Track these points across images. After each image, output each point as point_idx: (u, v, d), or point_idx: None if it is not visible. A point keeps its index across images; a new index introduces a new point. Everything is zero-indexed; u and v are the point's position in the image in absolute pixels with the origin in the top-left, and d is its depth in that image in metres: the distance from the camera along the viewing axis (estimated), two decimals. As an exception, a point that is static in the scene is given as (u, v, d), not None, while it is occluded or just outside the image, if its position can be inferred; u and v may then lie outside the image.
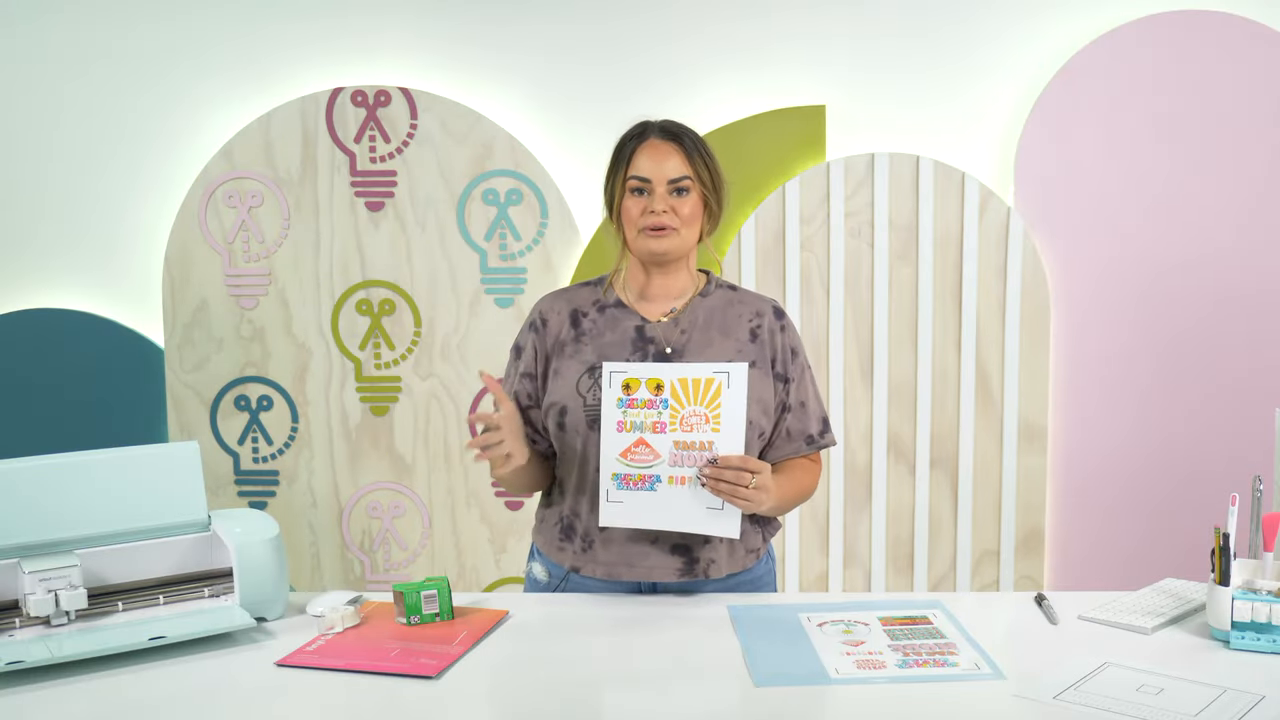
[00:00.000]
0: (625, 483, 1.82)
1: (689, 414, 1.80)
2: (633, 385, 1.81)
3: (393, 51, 3.25)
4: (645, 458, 1.81)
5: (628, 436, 1.81)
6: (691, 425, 1.80)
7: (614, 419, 1.82)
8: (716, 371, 1.80)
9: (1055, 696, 1.52)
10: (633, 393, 1.81)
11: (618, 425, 1.81)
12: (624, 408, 1.81)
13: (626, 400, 1.81)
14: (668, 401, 1.80)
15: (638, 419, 1.81)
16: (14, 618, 1.75)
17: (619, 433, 1.81)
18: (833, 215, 3.16)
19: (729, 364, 1.81)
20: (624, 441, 1.81)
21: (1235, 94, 3.09)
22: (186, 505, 1.88)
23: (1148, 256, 3.16)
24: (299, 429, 3.34)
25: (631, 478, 1.82)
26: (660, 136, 1.94)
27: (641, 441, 1.81)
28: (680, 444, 1.80)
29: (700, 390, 1.80)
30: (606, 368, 1.82)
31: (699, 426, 1.79)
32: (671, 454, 1.80)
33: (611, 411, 1.82)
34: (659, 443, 1.80)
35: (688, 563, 1.93)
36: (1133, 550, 3.23)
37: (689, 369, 1.81)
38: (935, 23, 3.17)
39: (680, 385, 1.80)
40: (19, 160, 3.32)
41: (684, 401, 1.80)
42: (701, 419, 1.79)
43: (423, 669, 1.63)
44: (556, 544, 2.00)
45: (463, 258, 3.27)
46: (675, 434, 1.80)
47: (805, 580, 3.28)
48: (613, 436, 1.82)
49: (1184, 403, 3.20)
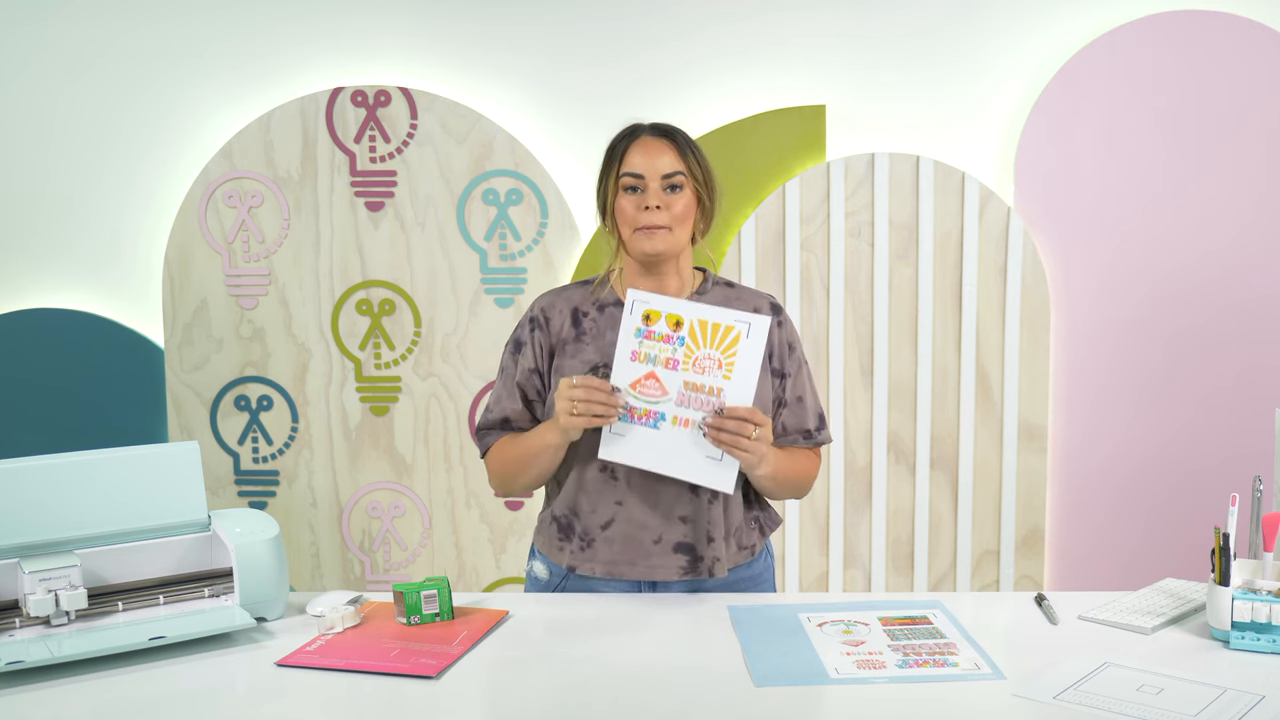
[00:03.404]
0: (630, 415, 1.82)
1: (703, 356, 1.79)
2: (653, 317, 1.80)
3: (393, 51, 3.25)
4: (653, 392, 1.80)
5: (640, 367, 1.81)
6: (704, 368, 1.79)
7: (629, 347, 1.81)
8: (738, 320, 1.78)
9: (1055, 696, 1.53)
10: (652, 324, 1.80)
11: (631, 354, 1.81)
12: (641, 338, 1.81)
13: (645, 331, 1.80)
14: (684, 339, 1.79)
15: (652, 351, 1.80)
16: (14, 618, 1.75)
17: (631, 361, 1.81)
18: (833, 215, 3.16)
19: (752, 314, 1.79)
20: (635, 372, 1.81)
21: (1235, 94, 3.09)
22: (186, 505, 1.88)
23: (1148, 256, 3.16)
24: (299, 429, 3.34)
25: (636, 411, 1.81)
26: (652, 134, 1.95)
27: (652, 375, 1.80)
28: (690, 385, 1.79)
29: (719, 335, 1.78)
30: (631, 294, 1.82)
31: (711, 370, 1.79)
32: (680, 393, 1.80)
33: (629, 339, 1.81)
34: (669, 379, 1.80)
35: (691, 561, 1.94)
36: (1133, 550, 3.23)
37: (712, 311, 1.79)
38: (935, 22, 3.17)
39: (700, 326, 1.79)
40: (19, 160, 3.32)
41: (700, 342, 1.79)
42: (715, 364, 1.79)
43: (423, 669, 1.63)
44: (555, 543, 2.00)
45: (463, 258, 3.27)
46: (687, 374, 1.79)
47: (805, 580, 3.28)
48: (625, 364, 1.81)
49: (1184, 402, 3.20)
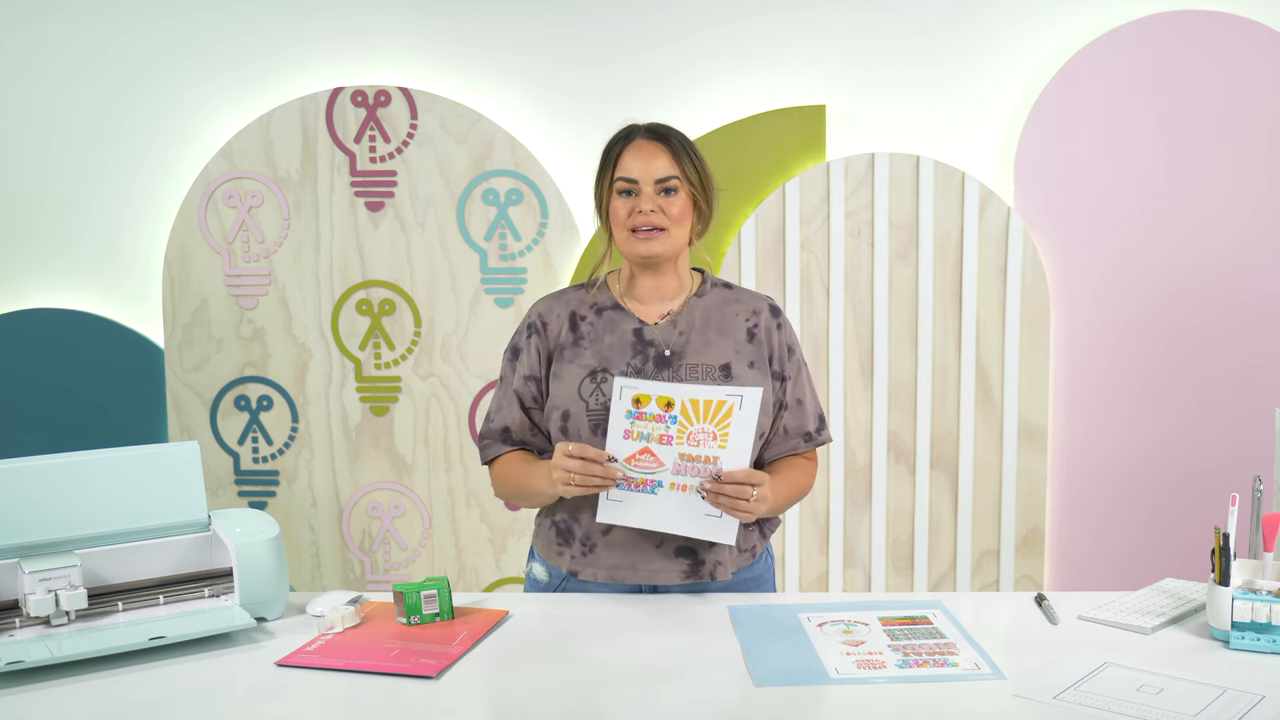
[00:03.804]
0: (627, 484, 1.83)
1: (697, 430, 1.80)
2: (643, 400, 1.81)
3: (393, 51, 3.25)
4: (649, 465, 1.82)
5: (633, 444, 1.82)
6: (698, 441, 1.80)
7: (621, 427, 1.82)
8: (730, 395, 1.79)
9: (1055, 696, 1.52)
10: (643, 407, 1.81)
11: (624, 433, 1.82)
12: (632, 419, 1.82)
13: (635, 413, 1.81)
14: (676, 418, 1.80)
15: (645, 430, 1.81)
16: (14, 618, 1.76)
17: (625, 439, 1.82)
18: (833, 215, 3.16)
19: (743, 388, 1.80)
20: (629, 449, 1.82)
21: (1235, 94, 3.09)
22: (186, 505, 1.88)
23: (1147, 256, 3.16)
24: (299, 429, 3.34)
25: (634, 480, 1.83)
26: (647, 137, 1.93)
27: (647, 450, 1.82)
28: (685, 456, 1.81)
29: (711, 411, 1.79)
30: (618, 382, 1.82)
31: (705, 442, 1.80)
32: (675, 464, 1.81)
33: (620, 421, 1.82)
34: (664, 453, 1.81)
35: (693, 565, 1.93)
36: (1132, 550, 3.23)
37: (702, 391, 1.80)
38: (935, 22, 3.16)
39: (691, 405, 1.79)
40: (19, 160, 3.32)
41: (693, 419, 1.80)
42: (709, 436, 1.79)
43: (423, 669, 1.63)
44: (555, 548, 1.99)
45: (463, 258, 3.27)
46: (681, 447, 1.80)
47: (805, 580, 3.28)
48: (619, 443, 1.82)
49: (1184, 402, 3.20)
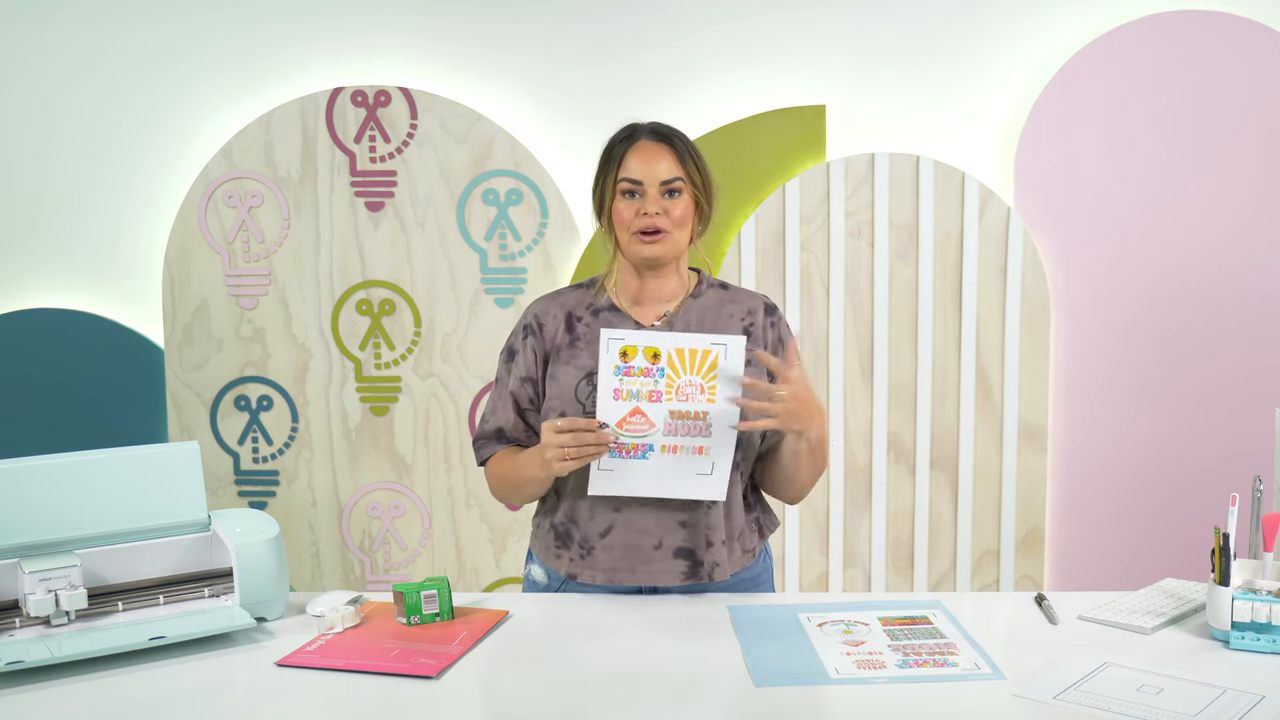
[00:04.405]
0: (619, 451, 1.82)
1: (685, 384, 1.80)
2: (630, 353, 1.80)
3: (393, 51, 3.25)
4: (641, 427, 1.81)
5: (624, 405, 1.81)
6: (687, 395, 1.80)
7: (610, 386, 1.81)
8: (715, 342, 1.79)
9: (1055, 696, 1.53)
10: (630, 360, 1.80)
11: (614, 393, 1.81)
12: (620, 375, 1.81)
13: (624, 368, 1.80)
14: (664, 370, 1.80)
15: (634, 387, 1.81)
16: (14, 618, 1.76)
17: (615, 400, 1.81)
18: (833, 215, 3.16)
19: (727, 335, 1.80)
20: (620, 410, 1.81)
21: (1235, 94, 3.09)
22: (186, 505, 1.88)
23: (1147, 256, 3.16)
24: (299, 429, 3.34)
25: (625, 446, 1.82)
26: (651, 138, 1.93)
27: (637, 410, 1.81)
28: (675, 413, 1.80)
29: (697, 360, 1.79)
30: (604, 334, 1.81)
31: (694, 397, 1.80)
32: (666, 423, 1.81)
33: (609, 379, 1.81)
34: (654, 412, 1.80)
35: (691, 566, 1.93)
36: (1132, 550, 3.23)
37: (687, 339, 1.80)
38: (935, 22, 3.16)
39: (677, 355, 1.80)
40: (19, 160, 3.32)
41: (680, 371, 1.80)
42: (698, 389, 1.80)
43: (423, 669, 1.63)
44: (553, 551, 1.99)
45: (463, 258, 3.27)
46: (671, 403, 1.80)
47: (805, 580, 3.28)
48: (609, 404, 1.81)
49: (1184, 402, 3.20)
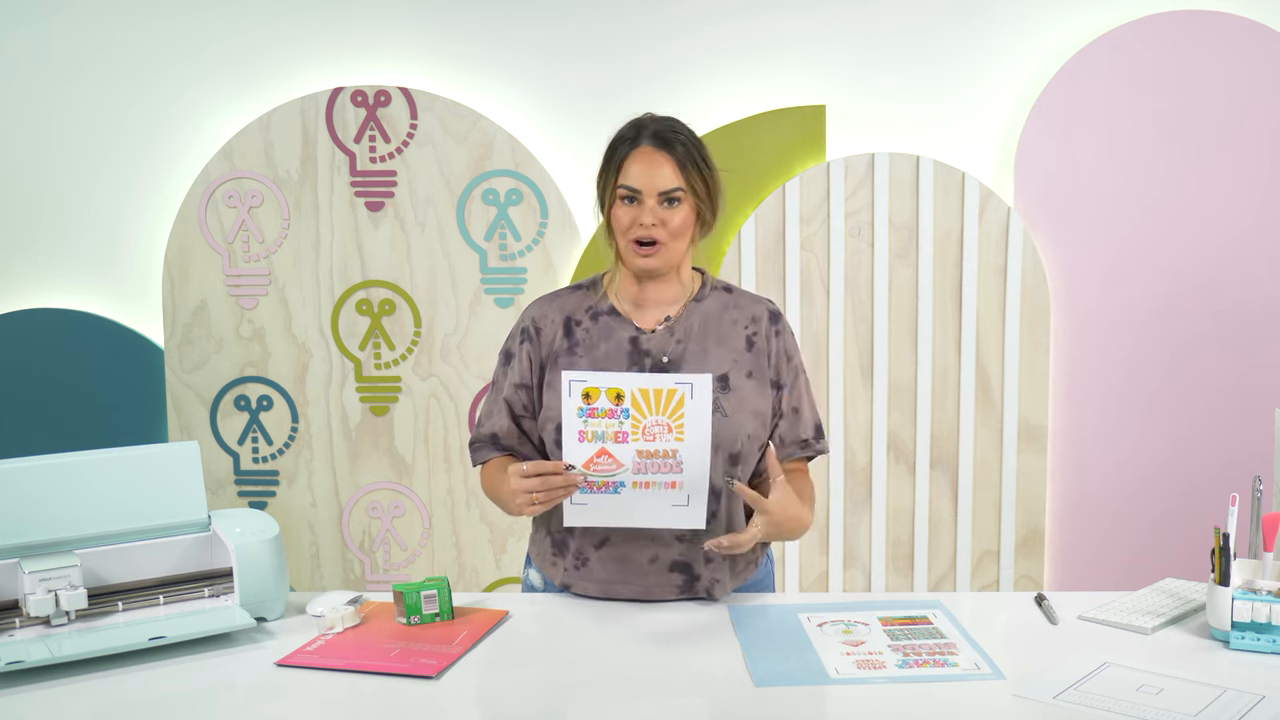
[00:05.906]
0: (589, 488, 1.78)
1: (651, 424, 1.75)
2: (593, 395, 1.75)
3: (393, 51, 3.25)
4: (608, 467, 1.76)
5: (589, 446, 1.76)
6: (654, 435, 1.75)
7: (575, 429, 1.76)
8: (679, 383, 1.75)
9: (1055, 696, 1.53)
10: (593, 402, 1.75)
11: (579, 435, 1.76)
12: (585, 417, 1.76)
13: (587, 409, 1.75)
14: (629, 411, 1.75)
15: (599, 429, 1.76)
16: (14, 618, 1.76)
17: (580, 443, 1.76)
18: (833, 215, 3.16)
19: (692, 375, 1.75)
20: (586, 452, 1.76)
21: (1235, 94, 3.09)
22: (186, 505, 1.88)
23: (1148, 256, 3.16)
24: (299, 429, 3.33)
25: (595, 484, 1.77)
26: (653, 144, 1.87)
27: (604, 451, 1.76)
28: (644, 453, 1.75)
29: (662, 401, 1.75)
30: (565, 375, 1.76)
31: (662, 436, 1.75)
32: (635, 462, 1.76)
33: (572, 421, 1.76)
34: (621, 452, 1.75)
35: (687, 580, 1.90)
36: (1133, 550, 3.23)
37: (650, 380, 1.75)
38: (935, 22, 3.16)
39: (641, 395, 1.75)
40: (19, 160, 3.32)
41: (645, 411, 1.75)
42: (664, 428, 1.75)
43: (423, 669, 1.63)
44: (549, 558, 1.98)
45: (463, 258, 3.26)
46: (638, 443, 1.75)
47: (805, 580, 3.28)
48: (574, 447, 1.76)
49: (1184, 402, 3.19)
